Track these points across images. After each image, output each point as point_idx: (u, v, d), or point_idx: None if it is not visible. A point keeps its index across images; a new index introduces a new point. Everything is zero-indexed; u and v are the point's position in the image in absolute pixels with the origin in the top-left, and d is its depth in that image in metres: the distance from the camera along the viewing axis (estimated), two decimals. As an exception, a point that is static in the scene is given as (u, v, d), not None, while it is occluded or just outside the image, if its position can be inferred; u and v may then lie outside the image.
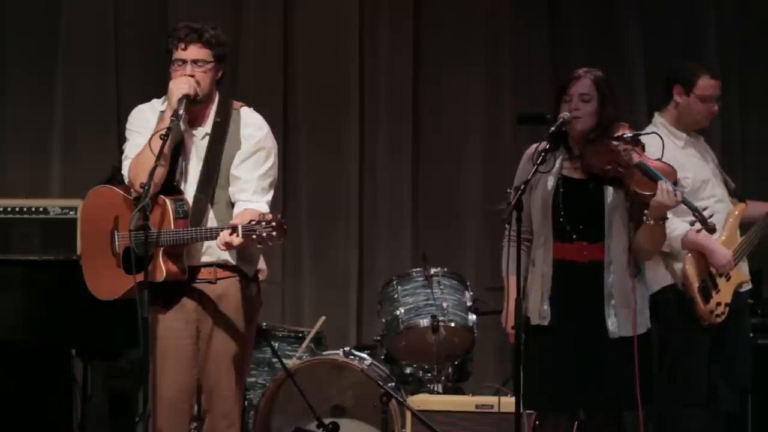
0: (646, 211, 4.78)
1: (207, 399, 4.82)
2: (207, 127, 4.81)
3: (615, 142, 4.81)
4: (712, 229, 5.07)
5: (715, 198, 5.83)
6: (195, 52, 4.77)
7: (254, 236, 4.43)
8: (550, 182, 4.83)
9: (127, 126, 4.90)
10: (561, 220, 4.82)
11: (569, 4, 7.99)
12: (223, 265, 4.77)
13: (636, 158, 4.82)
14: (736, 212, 5.91)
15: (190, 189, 4.77)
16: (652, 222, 4.77)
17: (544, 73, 7.89)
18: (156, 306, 4.74)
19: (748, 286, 5.97)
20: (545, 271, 4.82)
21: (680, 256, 5.75)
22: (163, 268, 4.63)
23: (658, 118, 5.91)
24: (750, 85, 7.85)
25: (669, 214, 5.06)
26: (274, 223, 4.42)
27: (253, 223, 4.44)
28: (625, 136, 4.84)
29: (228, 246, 4.51)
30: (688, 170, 5.72)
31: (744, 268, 5.94)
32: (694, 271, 5.73)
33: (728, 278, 5.81)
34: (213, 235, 4.57)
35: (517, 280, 4.79)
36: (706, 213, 4.98)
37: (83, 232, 4.96)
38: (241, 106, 4.87)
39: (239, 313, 4.78)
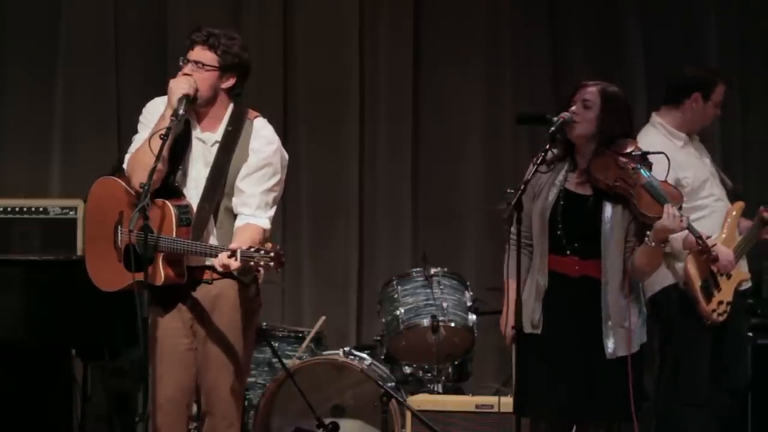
0: (648, 233, 4.78)
1: (206, 400, 4.82)
2: (218, 134, 4.80)
3: (623, 159, 4.81)
4: (714, 259, 5.08)
5: (714, 197, 5.85)
6: (197, 53, 4.78)
7: (252, 263, 4.45)
8: (552, 194, 4.84)
9: (140, 118, 4.88)
10: (558, 233, 4.83)
11: (569, 4, 7.99)
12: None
13: (644, 178, 4.81)
14: (734, 211, 5.92)
15: (192, 193, 4.77)
16: (653, 244, 4.76)
17: (544, 73, 7.90)
18: (154, 306, 4.75)
19: (747, 285, 5.98)
20: (540, 281, 4.83)
21: (681, 256, 5.76)
22: (162, 273, 4.64)
23: (656, 118, 5.92)
24: (750, 85, 7.85)
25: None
26: (272, 254, 4.44)
27: (252, 250, 4.45)
28: (633, 153, 4.83)
29: (225, 268, 4.52)
30: (688, 170, 5.73)
31: (744, 266, 5.96)
32: (695, 271, 5.73)
33: (729, 276, 5.82)
34: (213, 253, 4.58)
35: (517, 279, 4.78)
36: (710, 241, 5.01)
37: (89, 218, 4.96)
38: (256, 117, 4.86)
39: (236, 314, 4.78)
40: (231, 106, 4.83)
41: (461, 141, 7.93)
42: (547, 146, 4.80)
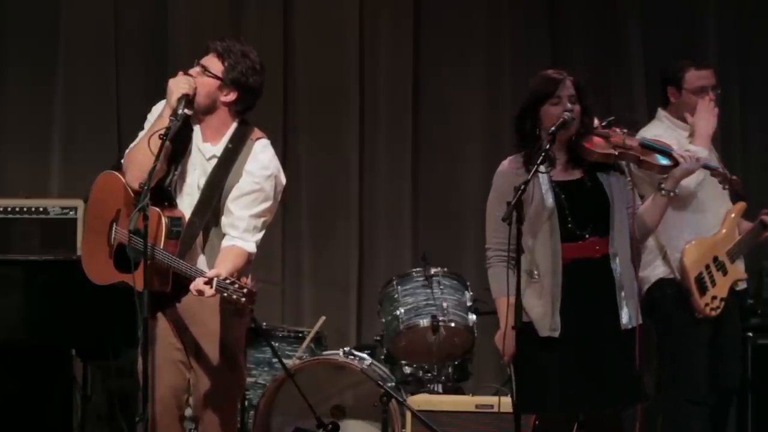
0: (662, 185, 4.87)
1: (194, 404, 4.85)
2: (217, 148, 4.80)
3: (603, 131, 4.89)
4: (735, 183, 5.12)
5: (718, 193, 5.87)
6: (207, 58, 4.81)
7: (225, 294, 4.47)
8: (547, 192, 4.82)
9: (148, 116, 4.89)
10: (569, 225, 4.82)
11: (569, 4, 7.99)
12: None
13: (635, 139, 4.93)
14: (735, 212, 5.94)
15: (186, 199, 4.79)
16: (672, 193, 4.87)
17: (544, 73, 7.88)
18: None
19: (743, 285, 6.01)
20: (555, 281, 4.79)
21: (679, 247, 5.79)
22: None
23: (661, 112, 5.99)
24: (750, 85, 7.85)
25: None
26: (245, 290, 4.47)
27: (228, 281, 4.47)
28: (603, 124, 4.92)
29: (199, 293, 4.53)
30: None
31: (740, 266, 5.97)
32: (691, 263, 5.77)
33: (725, 273, 5.84)
34: (192, 274, 4.59)
35: (517, 278, 4.76)
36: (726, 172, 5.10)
37: (89, 209, 5.01)
38: (259, 138, 4.84)
39: (216, 319, 4.77)
40: (234, 125, 4.83)
41: (461, 141, 7.93)
42: (548, 146, 4.81)
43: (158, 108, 4.85)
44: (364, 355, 6.35)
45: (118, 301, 4.76)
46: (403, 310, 6.50)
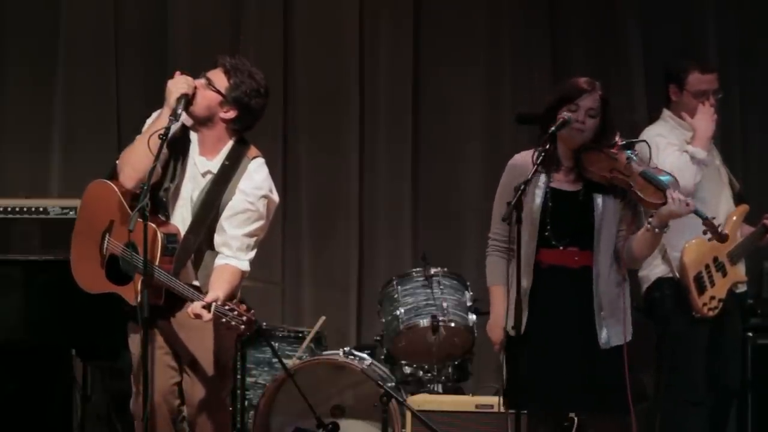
0: (650, 219, 4.78)
1: (188, 411, 4.88)
2: (212, 164, 4.81)
3: (612, 150, 4.82)
4: (723, 238, 5.04)
5: (718, 195, 5.88)
6: (214, 72, 4.83)
7: (224, 320, 4.49)
8: (538, 196, 4.83)
9: (147, 120, 4.90)
10: (546, 234, 4.82)
11: (569, 4, 7.99)
12: (198, 288, 4.78)
13: (638, 168, 4.81)
14: (737, 214, 5.95)
15: (178, 210, 4.80)
16: (657, 230, 4.76)
17: (544, 73, 7.89)
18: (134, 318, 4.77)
19: (743, 288, 6.01)
20: (525, 286, 4.81)
21: (678, 246, 5.79)
22: (138, 293, 4.62)
23: (666, 112, 6.00)
24: (750, 85, 7.85)
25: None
26: (244, 318, 4.49)
27: (227, 308, 4.49)
28: (622, 143, 4.84)
29: (197, 317, 4.55)
30: None
31: (741, 269, 5.97)
32: (691, 262, 5.77)
33: (725, 274, 5.85)
34: (189, 296, 4.59)
35: (518, 279, 4.76)
36: (715, 221, 4.98)
37: (80, 214, 5.01)
38: (255, 157, 4.85)
39: (211, 326, 4.76)
40: (231, 142, 4.83)
41: (461, 141, 7.92)
42: (548, 146, 4.80)
43: (157, 114, 4.86)
44: (364, 355, 6.35)
45: (117, 302, 4.76)
46: (403, 310, 6.50)
